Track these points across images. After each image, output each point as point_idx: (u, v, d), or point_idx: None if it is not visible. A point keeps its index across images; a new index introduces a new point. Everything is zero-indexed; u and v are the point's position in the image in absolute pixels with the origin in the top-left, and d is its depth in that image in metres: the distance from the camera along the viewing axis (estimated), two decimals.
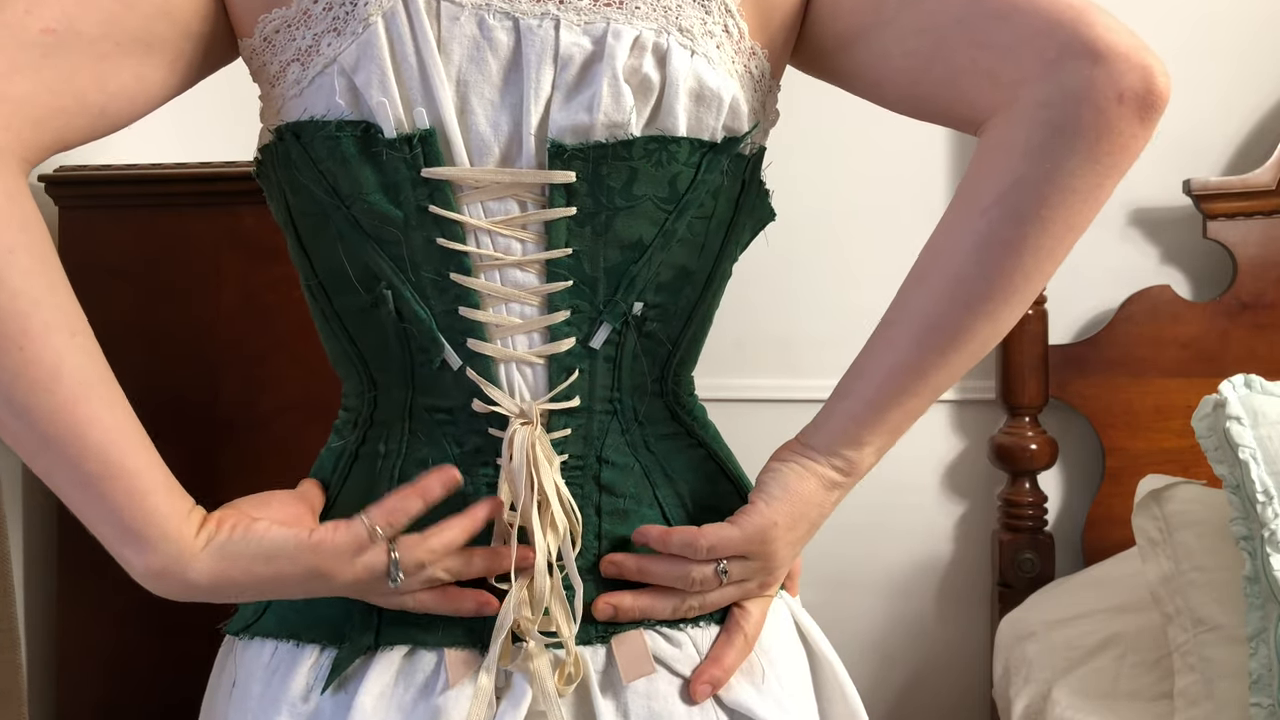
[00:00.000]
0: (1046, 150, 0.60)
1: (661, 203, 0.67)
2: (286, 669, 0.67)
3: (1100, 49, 0.59)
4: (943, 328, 0.64)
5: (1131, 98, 0.59)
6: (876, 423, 0.68)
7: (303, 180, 0.67)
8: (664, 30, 0.64)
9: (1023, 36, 0.61)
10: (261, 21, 0.65)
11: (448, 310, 0.66)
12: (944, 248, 0.65)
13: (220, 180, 1.29)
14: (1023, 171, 0.61)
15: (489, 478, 0.67)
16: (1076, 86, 0.59)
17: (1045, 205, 0.61)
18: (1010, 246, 0.62)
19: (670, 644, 0.68)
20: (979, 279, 0.63)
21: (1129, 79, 0.59)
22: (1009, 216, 0.61)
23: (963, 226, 0.64)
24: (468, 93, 0.64)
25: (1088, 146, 0.60)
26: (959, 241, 0.64)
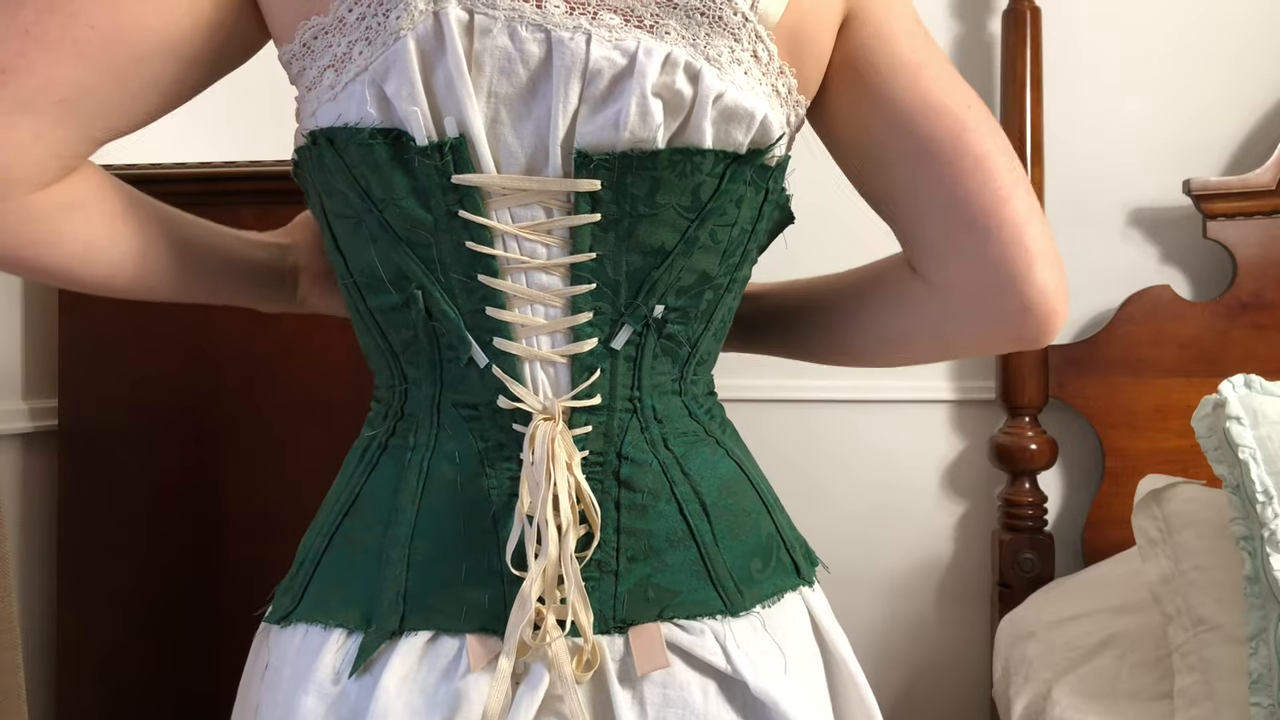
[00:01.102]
0: (959, 342, 0.78)
1: (684, 211, 0.69)
2: (315, 652, 0.68)
3: (1030, 307, 0.72)
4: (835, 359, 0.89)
5: (1037, 337, 0.75)
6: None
7: (336, 184, 0.69)
8: (693, 57, 0.66)
9: (986, 262, 0.72)
10: (301, 28, 0.67)
11: (475, 310, 0.68)
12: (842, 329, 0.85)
13: (220, 180, 1.30)
14: (934, 342, 0.79)
15: (511, 472, 0.69)
16: (1001, 324, 0.74)
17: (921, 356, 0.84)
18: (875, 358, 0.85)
19: (688, 634, 0.69)
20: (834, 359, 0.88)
21: (1041, 330, 0.74)
22: (908, 357, 0.83)
23: (861, 343, 0.84)
24: (498, 103, 0.65)
25: (971, 348, 0.78)
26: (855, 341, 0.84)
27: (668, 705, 0.68)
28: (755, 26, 0.68)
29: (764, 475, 0.79)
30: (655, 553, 0.70)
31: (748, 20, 0.67)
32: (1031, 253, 0.71)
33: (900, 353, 0.82)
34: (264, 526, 1.30)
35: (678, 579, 0.70)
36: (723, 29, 0.67)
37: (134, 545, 1.31)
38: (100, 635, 1.32)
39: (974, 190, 0.70)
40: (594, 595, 0.68)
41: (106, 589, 1.31)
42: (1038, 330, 0.73)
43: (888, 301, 0.80)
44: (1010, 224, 0.70)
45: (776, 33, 0.69)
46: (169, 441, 1.31)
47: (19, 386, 1.33)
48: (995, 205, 0.70)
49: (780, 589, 0.74)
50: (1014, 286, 0.71)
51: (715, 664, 0.69)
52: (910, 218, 0.75)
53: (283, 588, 0.74)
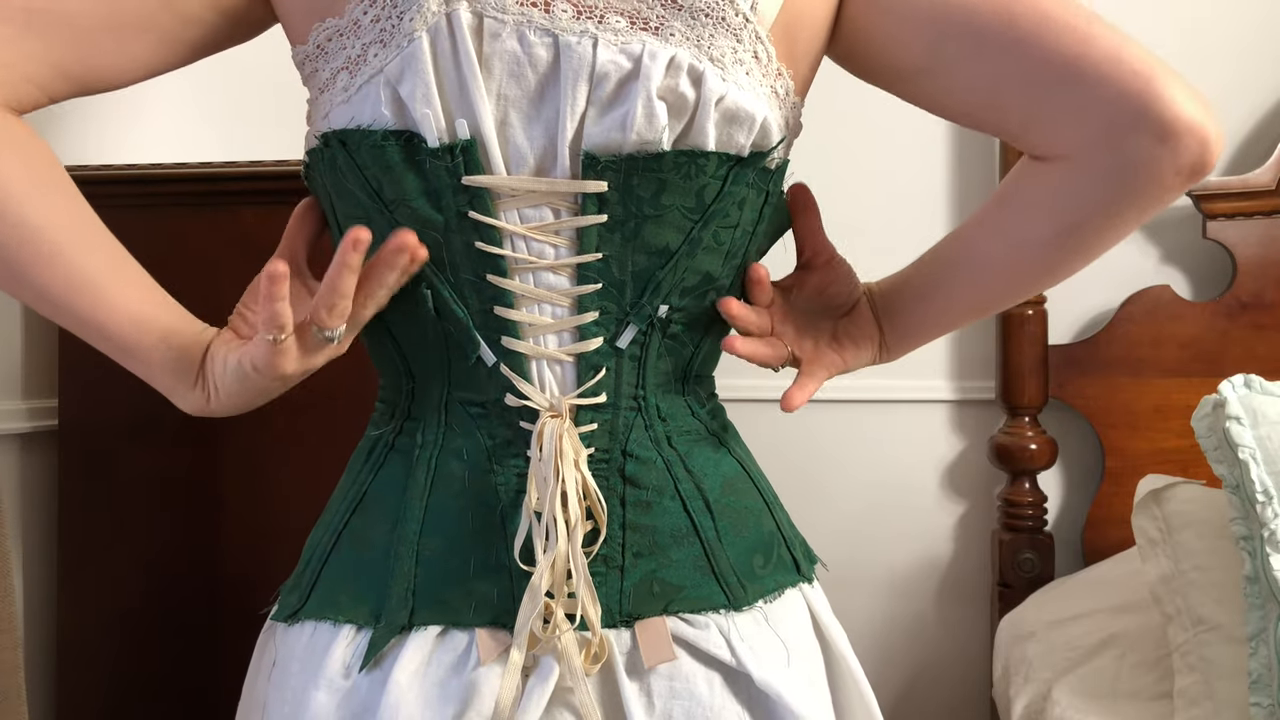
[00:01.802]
0: (1107, 206, 0.68)
1: (689, 212, 0.70)
2: (324, 648, 0.69)
3: (1167, 128, 0.64)
4: (982, 311, 0.80)
5: (1188, 170, 0.65)
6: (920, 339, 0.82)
7: (348, 185, 0.69)
8: (697, 58, 0.67)
9: (1093, 105, 0.65)
10: (315, 30, 0.68)
11: (484, 309, 0.70)
12: (995, 262, 0.75)
13: (220, 180, 1.30)
14: (1082, 219, 0.69)
15: (519, 468, 0.70)
16: (1142, 161, 0.65)
17: (1095, 244, 0.71)
18: (1058, 270, 0.73)
19: (693, 627, 0.71)
20: (1024, 288, 0.76)
21: (1189, 156, 0.65)
22: (1064, 251, 0.72)
23: (1020, 252, 0.73)
24: (507, 106, 0.67)
25: (1143, 203, 0.68)
26: (1014, 262, 0.74)
27: (674, 697, 0.69)
28: (755, 28, 0.69)
29: (764, 474, 0.81)
30: (660, 548, 0.71)
31: (748, 21, 0.68)
32: (1142, 72, 0.64)
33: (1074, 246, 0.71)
34: (264, 526, 1.30)
35: (682, 574, 0.71)
36: (726, 30, 0.68)
37: (134, 545, 1.31)
38: (100, 635, 1.31)
39: (1050, 45, 0.66)
40: (601, 590, 0.69)
41: (106, 589, 1.31)
42: (1196, 149, 0.64)
43: (1037, 205, 0.71)
44: (1105, 56, 0.65)
45: (772, 32, 0.70)
46: (169, 441, 1.31)
47: (19, 386, 1.33)
48: (1080, 49, 0.65)
49: (781, 585, 0.76)
50: (1144, 111, 0.64)
51: (720, 657, 0.70)
52: (1006, 107, 0.69)
53: (288, 586, 0.75)
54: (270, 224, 1.29)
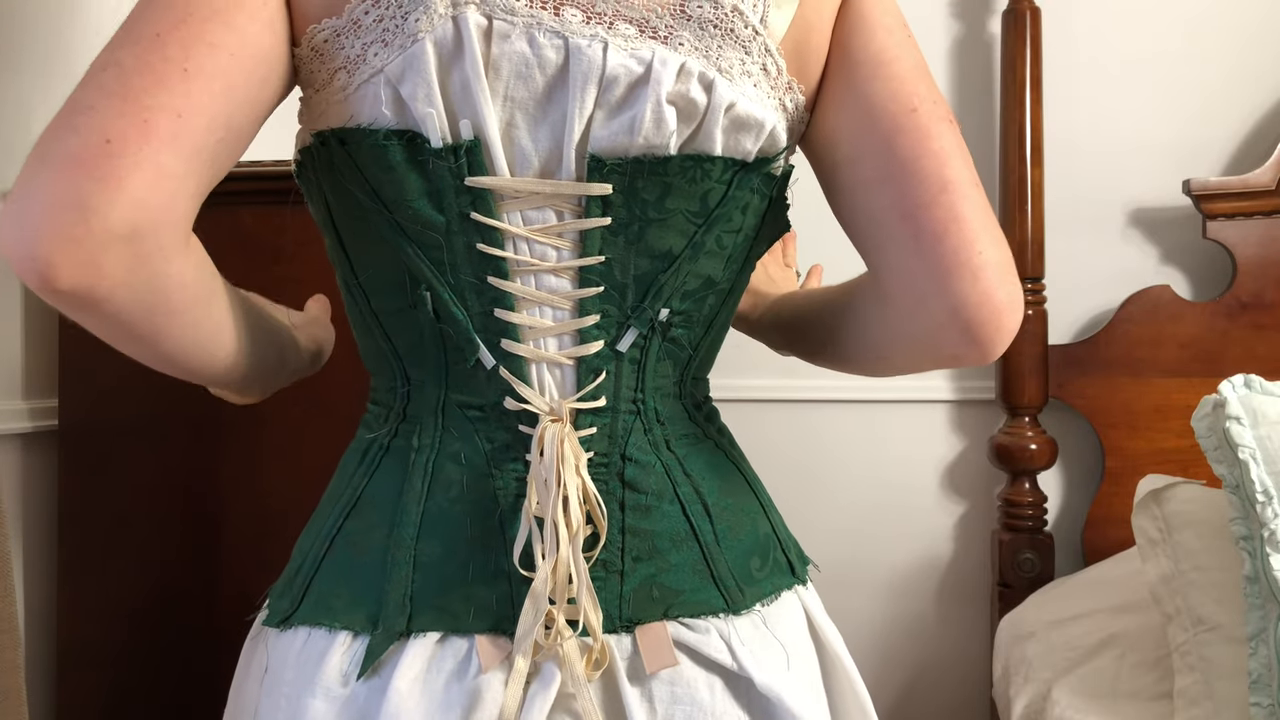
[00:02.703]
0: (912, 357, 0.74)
1: (692, 216, 0.70)
2: (320, 655, 0.68)
3: (974, 336, 0.66)
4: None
5: (949, 358, 0.70)
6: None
7: (346, 184, 0.68)
8: (706, 67, 0.67)
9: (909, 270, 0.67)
10: (311, 31, 0.66)
11: (484, 312, 0.69)
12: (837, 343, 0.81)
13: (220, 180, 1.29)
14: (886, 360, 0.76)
15: (518, 472, 0.69)
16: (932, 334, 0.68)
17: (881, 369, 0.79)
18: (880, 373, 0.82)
19: (693, 632, 0.70)
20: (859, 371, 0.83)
21: (979, 354, 0.68)
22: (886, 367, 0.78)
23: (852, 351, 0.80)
24: (513, 107, 0.66)
25: (924, 365, 0.74)
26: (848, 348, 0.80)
27: (676, 702, 0.69)
28: (765, 41, 0.68)
29: (758, 476, 0.80)
30: (659, 552, 0.71)
31: (758, 34, 0.68)
32: (962, 253, 0.65)
33: (879, 363, 0.78)
34: (264, 526, 1.30)
35: (681, 578, 0.71)
36: (734, 42, 0.67)
37: (134, 545, 1.31)
38: (100, 635, 1.31)
39: (903, 191, 0.67)
40: (600, 595, 0.69)
41: (106, 589, 1.31)
42: (970, 343, 0.67)
43: (859, 311, 0.76)
44: (938, 220, 0.65)
45: (783, 46, 0.70)
46: (169, 441, 1.31)
47: (19, 386, 1.33)
48: (921, 206, 0.66)
49: (778, 588, 0.76)
50: (939, 291, 0.66)
51: (721, 661, 0.70)
52: (851, 221, 0.72)
53: (278, 591, 0.74)
54: (270, 224, 1.30)
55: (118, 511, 1.32)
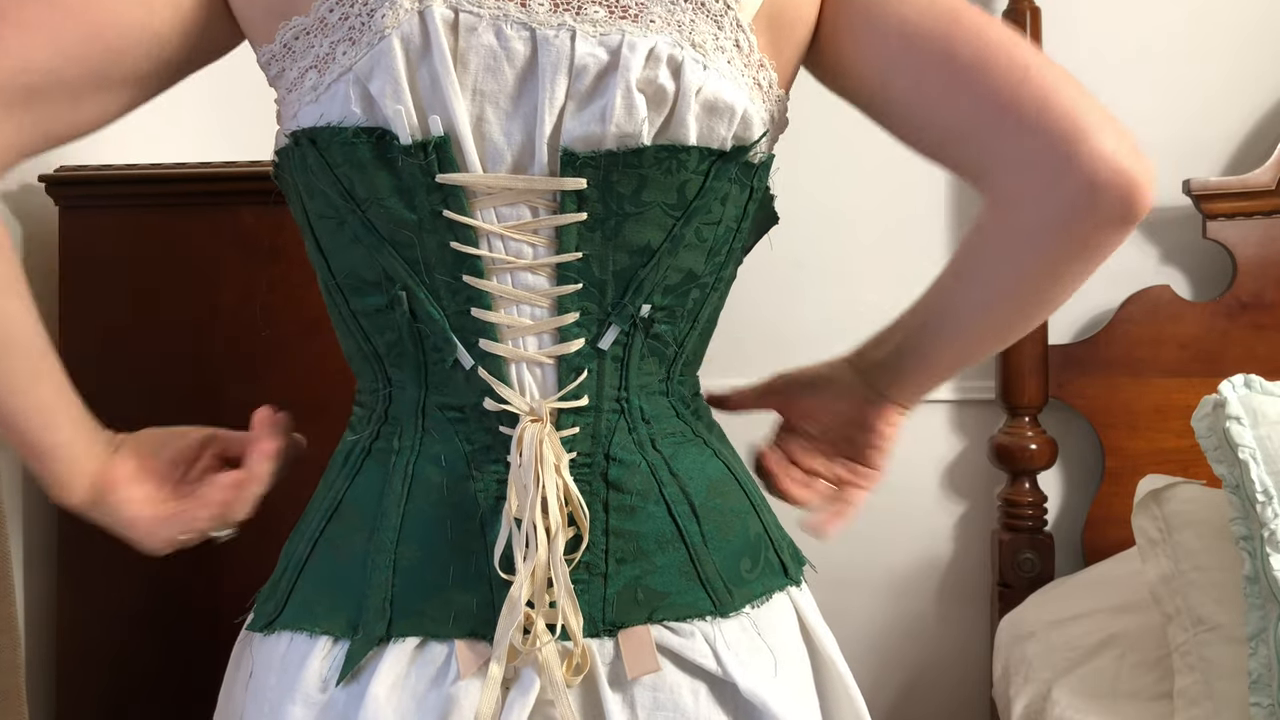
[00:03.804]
0: (1047, 257, 0.68)
1: (670, 209, 0.68)
2: (300, 660, 0.68)
3: (1095, 180, 0.64)
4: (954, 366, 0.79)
5: (1119, 219, 0.65)
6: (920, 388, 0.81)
7: (319, 184, 0.68)
8: (677, 44, 0.66)
9: (1023, 155, 0.66)
10: (282, 29, 0.66)
11: (460, 311, 0.68)
12: (961, 320, 0.75)
13: (220, 180, 1.29)
14: (1026, 269, 0.70)
15: (499, 474, 0.68)
16: (1072, 212, 0.65)
17: (1044, 293, 0.71)
18: (1016, 322, 0.74)
19: (678, 636, 0.69)
20: (1000, 335, 0.76)
21: (1119, 207, 0.65)
22: (1016, 303, 0.72)
23: (977, 310, 0.74)
24: (483, 101, 0.65)
25: (1081, 255, 0.68)
26: (974, 317, 0.74)
27: (658, 708, 0.67)
28: (736, 15, 0.68)
29: (750, 475, 0.79)
30: (644, 554, 0.70)
31: (729, 8, 0.67)
32: (1066, 122, 0.64)
33: (1043, 281, 0.71)
34: (264, 526, 1.30)
35: (667, 580, 0.70)
36: (705, 15, 0.67)
37: (134, 545, 1.31)
38: (100, 635, 1.31)
39: (984, 87, 0.66)
40: (583, 598, 0.67)
41: (107, 589, 1.31)
42: (1118, 202, 0.64)
43: (992, 247, 0.71)
44: (1035, 100, 0.65)
45: (755, 23, 0.69)
46: None
47: None
48: (1011, 93, 0.65)
49: (769, 589, 0.74)
50: (1067, 165, 0.64)
51: (705, 666, 0.69)
52: (945, 140, 0.70)
53: (264, 595, 0.74)
54: (269, 224, 1.30)
55: None
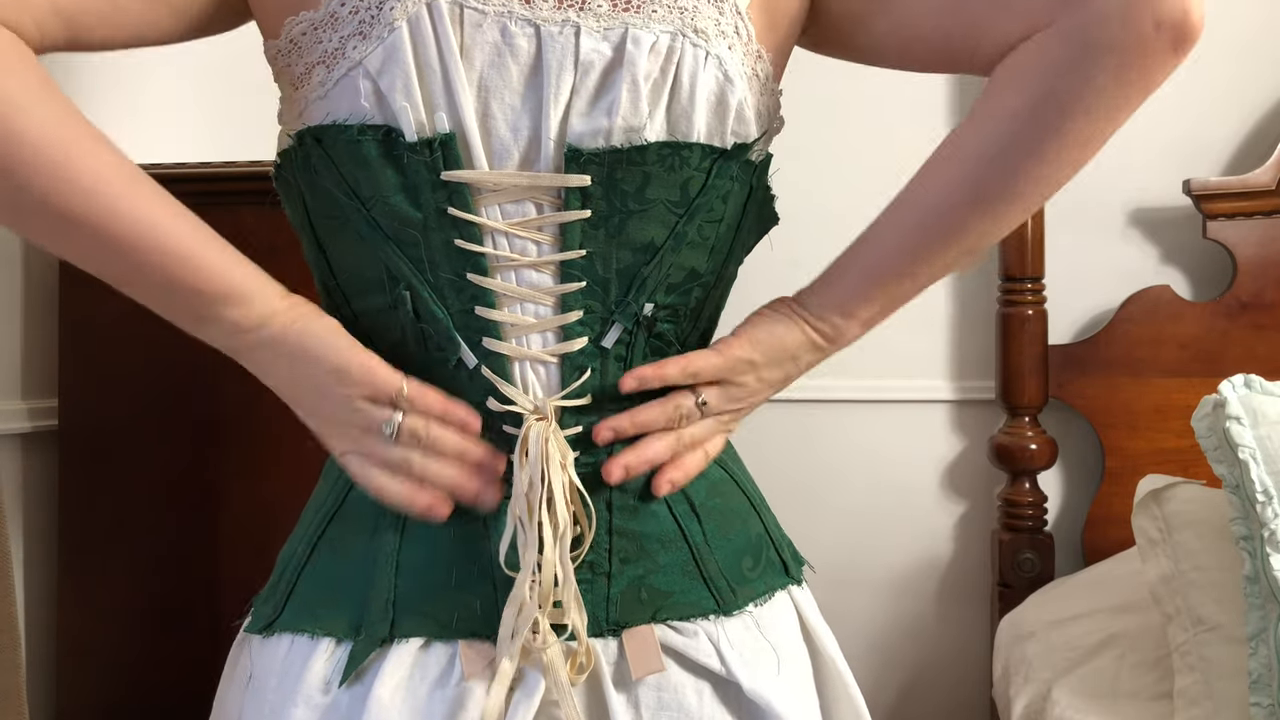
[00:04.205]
0: (1078, 66, 0.63)
1: (673, 206, 0.68)
2: (302, 662, 0.67)
3: None
4: (949, 218, 0.69)
5: (1168, 25, 0.61)
6: (868, 296, 0.72)
7: (323, 183, 0.68)
8: (680, 33, 0.66)
9: None
10: (289, 24, 0.66)
11: (464, 310, 0.68)
12: (963, 145, 0.68)
13: (220, 180, 1.29)
14: (1052, 84, 0.63)
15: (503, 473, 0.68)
16: (1116, 9, 0.61)
17: (1069, 117, 0.64)
18: (1028, 152, 0.65)
19: (682, 635, 0.69)
20: (992, 179, 0.67)
21: (1167, 7, 0.61)
22: (1035, 124, 0.65)
23: (985, 128, 0.67)
24: (489, 98, 0.65)
25: (1118, 65, 0.62)
26: (979, 141, 0.67)
27: (662, 708, 0.67)
28: (734, 2, 0.68)
29: (749, 475, 0.79)
30: (647, 554, 0.70)
31: None
32: None
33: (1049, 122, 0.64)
34: (264, 526, 1.30)
35: (670, 579, 0.70)
36: (707, 2, 0.67)
37: (134, 545, 1.31)
38: (100, 635, 1.31)
39: None
40: (586, 597, 0.67)
41: (106, 588, 1.31)
42: (1174, 5, 0.60)
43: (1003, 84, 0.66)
44: None
45: (751, 10, 0.69)
46: (169, 441, 1.31)
47: (19, 386, 1.33)
48: None
49: (771, 587, 0.74)
50: None
51: (709, 666, 0.69)
52: (963, 10, 0.67)
53: (262, 597, 0.73)
54: (270, 224, 1.29)
55: (118, 511, 1.32)
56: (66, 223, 0.59)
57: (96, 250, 0.61)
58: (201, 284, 0.63)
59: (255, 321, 0.65)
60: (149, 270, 0.62)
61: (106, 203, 0.59)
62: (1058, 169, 0.66)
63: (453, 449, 0.66)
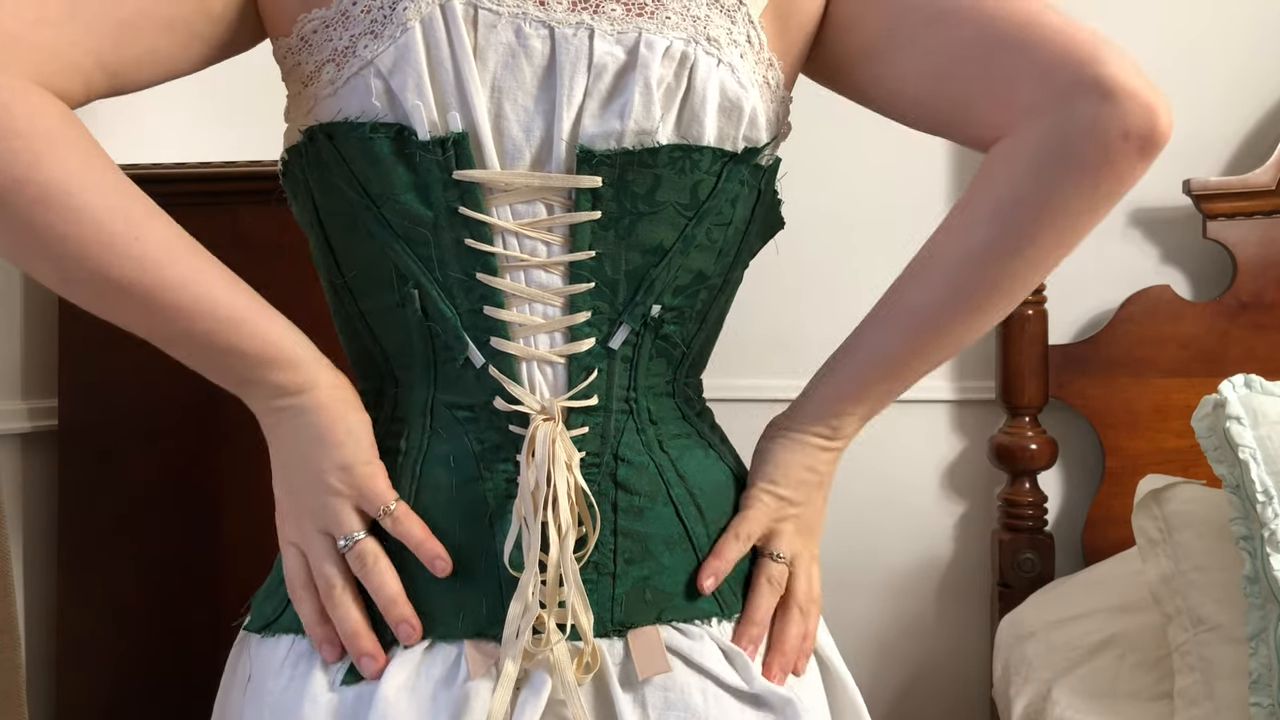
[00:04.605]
0: (1048, 174, 0.64)
1: (682, 209, 0.69)
2: (306, 663, 0.67)
3: (1110, 87, 0.62)
4: (932, 323, 0.70)
5: (1135, 136, 0.62)
6: (859, 398, 0.75)
7: (333, 180, 0.68)
8: (693, 40, 0.66)
9: (1037, 67, 0.64)
10: (300, 21, 0.66)
11: (473, 309, 0.68)
12: (941, 250, 0.70)
13: (220, 180, 1.30)
14: (1023, 191, 0.65)
15: (508, 474, 0.68)
16: (1084, 120, 0.62)
17: (1039, 224, 0.65)
18: (1003, 257, 0.67)
19: (687, 637, 0.69)
20: (970, 283, 0.68)
21: (1134, 118, 0.62)
22: (1005, 230, 0.66)
23: (961, 233, 0.68)
24: (501, 98, 0.66)
25: (1088, 176, 0.63)
26: (956, 247, 0.69)
27: (669, 708, 0.67)
28: (747, 11, 0.68)
29: None
30: (652, 555, 0.70)
31: (741, 3, 0.68)
32: (1087, 40, 0.63)
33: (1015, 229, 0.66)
34: (264, 526, 1.30)
35: (675, 581, 0.70)
36: (720, 9, 0.67)
37: (134, 545, 1.31)
38: (100, 635, 1.31)
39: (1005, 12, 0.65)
40: (592, 597, 0.67)
41: (106, 589, 1.31)
42: (1143, 113, 0.61)
43: (972, 194, 0.68)
44: (1055, 25, 0.64)
45: (764, 17, 0.69)
46: (169, 441, 1.31)
47: (19, 386, 1.33)
48: (1031, 17, 0.64)
49: None
50: (1085, 71, 0.62)
51: (714, 669, 0.69)
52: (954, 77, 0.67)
53: (262, 596, 0.73)
54: (269, 224, 1.30)
55: (118, 511, 1.32)
56: (120, 292, 0.61)
57: (144, 317, 0.63)
58: (250, 348, 0.64)
59: (299, 386, 0.66)
60: (197, 335, 0.63)
61: (165, 273, 0.61)
62: (1031, 271, 0.67)
63: (385, 595, 0.66)
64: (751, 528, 0.73)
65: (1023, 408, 1.71)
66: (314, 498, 0.67)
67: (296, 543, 0.68)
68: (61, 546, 1.33)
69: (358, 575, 0.67)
